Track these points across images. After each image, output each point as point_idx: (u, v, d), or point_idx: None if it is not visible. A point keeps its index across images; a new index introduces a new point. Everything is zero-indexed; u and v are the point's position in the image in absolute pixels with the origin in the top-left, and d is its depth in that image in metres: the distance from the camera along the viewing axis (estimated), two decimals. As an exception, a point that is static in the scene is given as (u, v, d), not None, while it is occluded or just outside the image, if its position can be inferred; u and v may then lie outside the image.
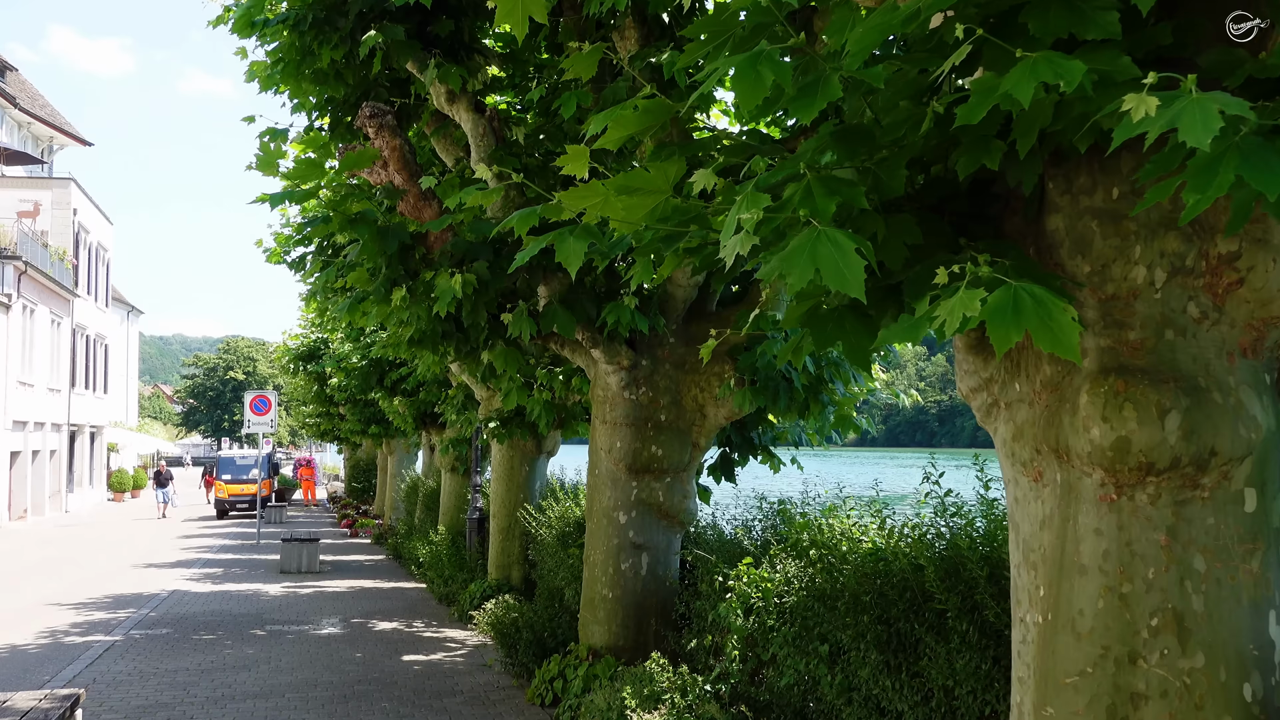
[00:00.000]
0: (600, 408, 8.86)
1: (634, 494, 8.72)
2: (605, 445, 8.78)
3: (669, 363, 8.72)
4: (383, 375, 20.44)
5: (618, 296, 8.32)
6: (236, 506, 35.81)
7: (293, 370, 28.73)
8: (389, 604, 15.03)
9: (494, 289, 7.75)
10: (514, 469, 14.15)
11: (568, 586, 11.17)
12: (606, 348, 8.44)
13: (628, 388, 8.68)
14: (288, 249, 14.63)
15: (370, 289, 7.97)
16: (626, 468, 8.68)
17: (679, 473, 8.79)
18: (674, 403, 8.69)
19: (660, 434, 8.65)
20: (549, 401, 13.45)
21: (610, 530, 8.75)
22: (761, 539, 7.76)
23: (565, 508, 11.91)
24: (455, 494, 19.29)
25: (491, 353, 9.03)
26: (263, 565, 20.30)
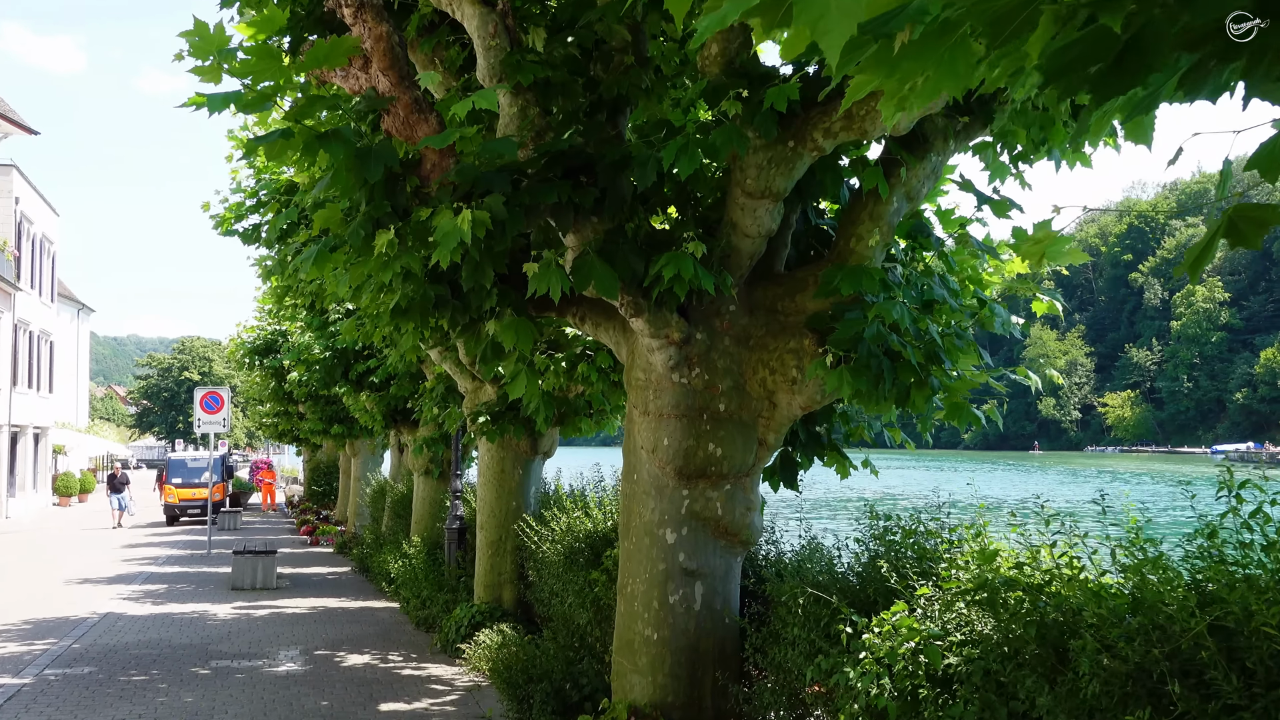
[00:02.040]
0: (640, 395, 6.90)
1: (685, 506, 6.77)
2: (648, 443, 6.82)
3: (729, 337, 6.78)
4: (348, 368, 18.34)
5: (665, 248, 6.38)
6: (188, 512, 33.43)
7: (248, 365, 26.51)
8: (358, 629, 12.95)
9: (512, 232, 5.77)
10: (505, 472, 12.15)
11: (583, 616, 9.20)
12: (653, 316, 6.48)
13: (678, 369, 6.73)
14: (240, 215, 12.53)
15: (346, 233, 5.95)
16: (676, 472, 6.73)
17: (741, 478, 6.85)
18: (736, 388, 6.75)
19: (719, 428, 6.71)
20: (548, 393, 11.55)
21: (654, 552, 6.79)
22: (869, 569, 5.80)
23: (573, 519, 9.94)
24: (430, 500, 17.25)
25: (498, 324, 7.04)
26: (212, 580, 18.12)
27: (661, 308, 6.51)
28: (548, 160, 6.05)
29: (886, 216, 6.69)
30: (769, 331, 6.74)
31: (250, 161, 12.73)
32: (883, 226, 6.69)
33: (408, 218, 5.95)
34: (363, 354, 18.15)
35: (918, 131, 6.66)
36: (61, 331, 58.93)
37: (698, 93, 6.05)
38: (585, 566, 9.38)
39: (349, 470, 29.85)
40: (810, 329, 6.58)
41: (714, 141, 5.72)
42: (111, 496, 30.57)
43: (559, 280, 5.88)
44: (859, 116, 5.95)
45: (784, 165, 6.23)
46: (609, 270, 6.08)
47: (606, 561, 8.47)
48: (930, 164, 6.78)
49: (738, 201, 6.42)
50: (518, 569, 11.86)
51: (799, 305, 6.74)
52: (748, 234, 6.53)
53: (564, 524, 10.04)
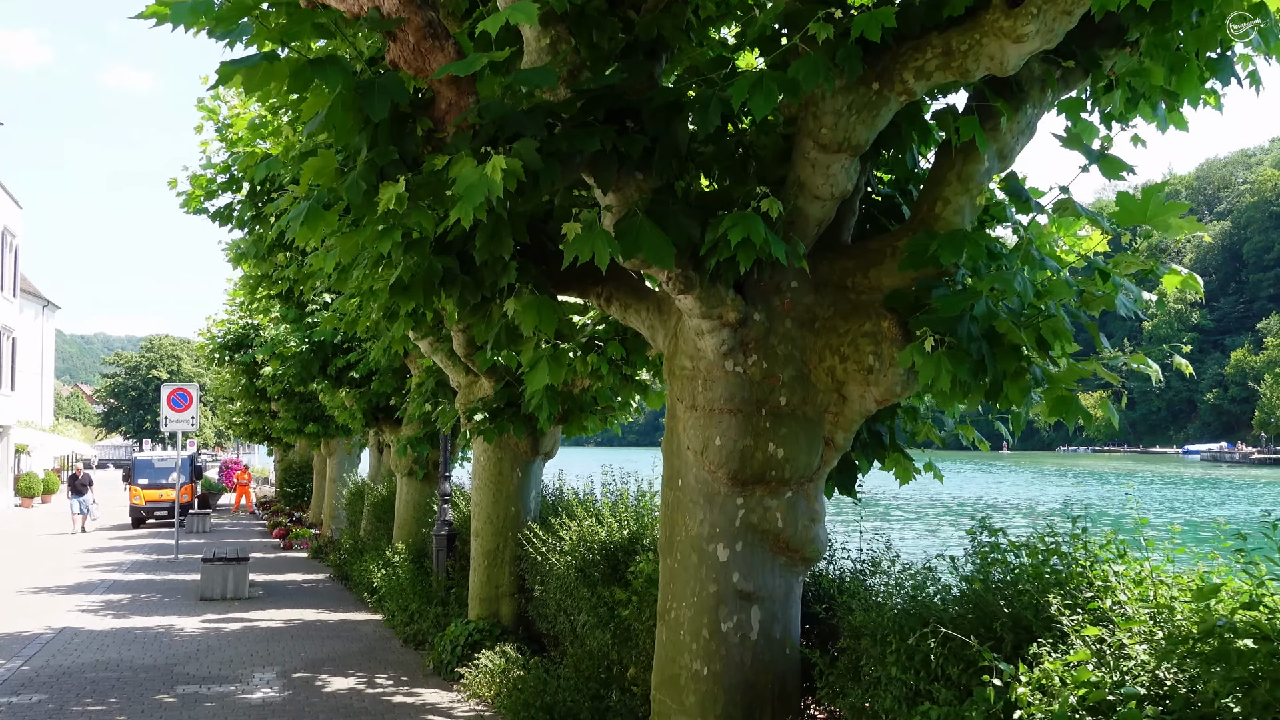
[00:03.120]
0: (686, 387, 5.87)
1: (739, 517, 5.74)
2: (695, 443, 5.79)
3: (791, 318, 5.76)
4: (326, 362, 17.19)
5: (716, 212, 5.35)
6: (155, 514, 32.07)
7: (218, 361, 25.29)
8: (340, 646, 11.84)
9: (546, 186, 4.72)
10: (503, 475, 11.09)
11: (599, 638, 8.18)
12: (706, 292, 5.45)
13: (731, 355, 5.70)
14: (210, 193, 11.40)
15: (342, 187, 4.88)
16: (729, 477, 5.70)
17: (804, 484, 5.84)
18: (799, 378, 5.73)
19: (780, 425, 5.70)
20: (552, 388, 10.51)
21: (704, 572, 5.76)
22: (991, 597, 4.77)
23: (586, 528, 8.91)
24: (414, 503, 16.16)
25: (517, 303, 5.99)
26: (179, 589, 16.93)
27: (716, 282, 5.48)
28: (586, 103, 5.01)
29: (976, 177, 5.70)
30: (838, 312, 5.73)
31: (222, 134, 11.63)
32: (972, 189, 5.70)
33: (418, 168, 4.88)
34: (342, 348, 17.02)
35: (1012, 79, 5.68)
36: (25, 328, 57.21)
37: (773, 16, 5.03)
38: (602, 582, 8.36)
39: (324, 471, 28.64)
40: (888, 308, 5.58)
41: (795, 75, 4.70)
42: (73, 499, 28.79)
43: (606, 245, 4.83)
44: (959, 52, 4.95)
45: (866, 112, 5.22)
46: (660, 234, 5.05)
47: (635, 580, 7.42)
48: (1025, 117, 5.79)
49: (808, 156, 5.41)
50: (517, 581, 10.80)
51: (873, 281, 5.73)
52: (818, 195, 5.51)
53: (575, 533, 9.00)
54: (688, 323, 5.78)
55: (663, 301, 6.43)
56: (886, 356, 5.51)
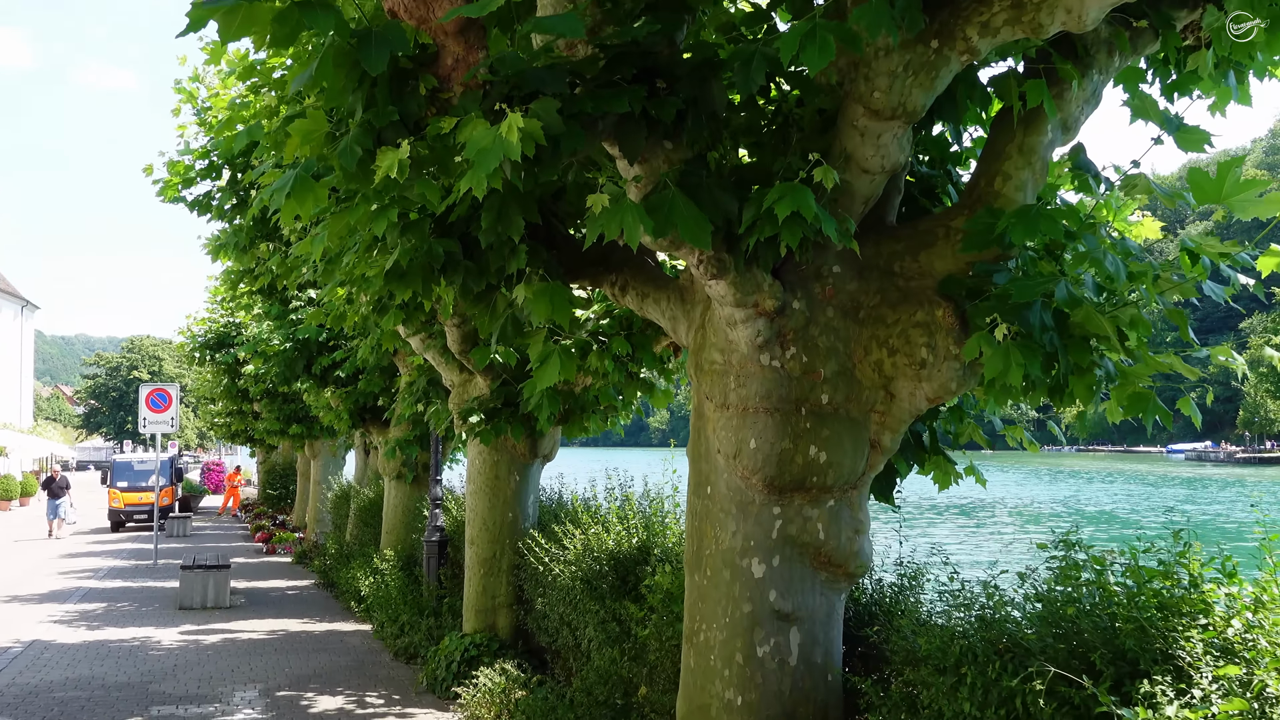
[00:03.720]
0: (716, 383, 5.28)
1: (777, 528, 5.15)
2: (727, 446, 5.19)
3: (833, 307, 5.17)
4: (310, 361, 16.53)
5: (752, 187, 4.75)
6: (134, 518, 31.29)
7: (199, 360, 24.56)
8: (327, 660, 11.20)
9: (567, 153, 4.11)
10: (500, 479, 10.48)
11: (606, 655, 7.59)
12: (741, 277, 4.86)
13: (767, 348, 5.11)
14: (188, 180, 10.75)
15: (334, 154, 4.25)
16: (765, 483, 5.11)
17: (847, 491, 5.25)
18: (842, 374, 5.15)
19: (821, 426, 5.11)
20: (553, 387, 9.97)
21: (737, 590, 5.17)
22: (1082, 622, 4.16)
23: (592, 535, 8.31)
24: (403, 508, 15.53)
25: (528, 290, 5.39)
26: (157, 597, 16.25)
27: (752, 265, 4.89)
28: (611, 60, 4.41)
29: (1040, 150, 5.14)
30: (885, 300, 5.15)
31: (200, 118, 10.97)
32: (1035, 162, 5.13)
33: (420, 133, 4.26)
34: (328, 346, 16.37)
35: (1076, 41, 5.12)
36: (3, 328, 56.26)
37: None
38: (611, 595, 7.76)
39: (308, 473, 27.96)
40: (942, 296, 4.99)
41: (856, 24, 4.11)
42: (49, 504, 27.72)
43: (637, 220, 4.22)
44: (1031, 4, 4.38)
45: (924, 73, 4.63)
46: (695, 210, 4.45)
47: (653, 595, 6.81)
48: (1091, 84, 5.23)
49: (856, 124, 4.82)
50: (515, 592, 10.18)
51: (923, 266, 5.15)
52: (866, 169, 4.92)
53: (579, 542, 8.41)
54: (718, 312, 5.18)
55: (685, 290, 5.85)
56: (941, 349, 4.93)
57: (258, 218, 10.82)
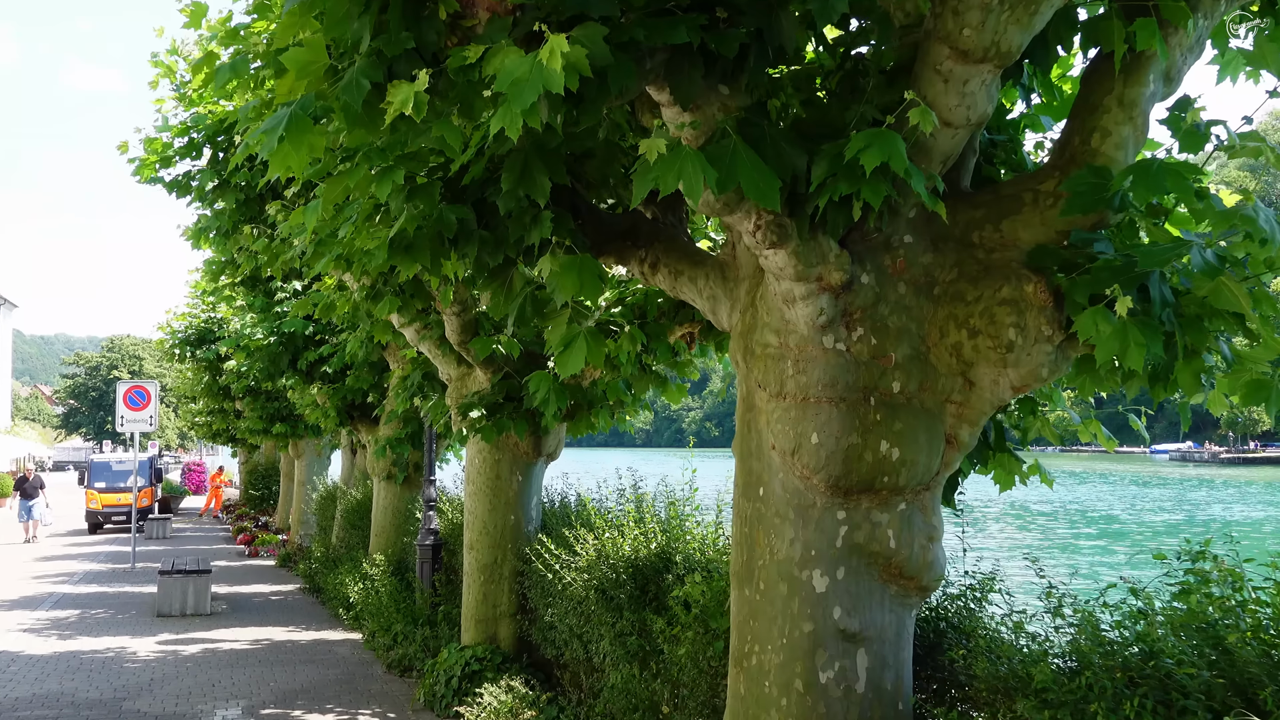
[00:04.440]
0: (771, 369, 4.61)
1: (842, 535, 4.49)
2: (784, 442, 4.53)
3: (904, 282, 4.52)
4: (296, 356, 15.79)
5: (820, 138, 4.09)
6: (112, 519, 30.42)
7: (179, 357, 23.75)
8: (315, 674, 10.48)
9: (615, 89, 3.44)
10: (501, 479, 9.79)
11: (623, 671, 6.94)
12: (805, 246, 4.20)
13: (831, 328, 4.45)
14: (166, 159, 10.00)
15: (336, 91, 3.56)
16: (829, 484, 4.45)
17: (920, 493, 4.60)
18: (915, 358, 4.49)
19: (893, 418, 4.45)
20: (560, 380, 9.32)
21: (795, 606, 4.50)
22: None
23: (606, 541, 7.65)
24: (394, 509, 14.82)
25: (553, 262, 4.71)
26: (135, 603, 15.49)
27: (818, 232, 4.23)
28: (662, -16, 3.74)
29: (1141, 102, 4.48)
30: (964, 274, 4.50)
31: (180, 92, 10.24)
32: (1136, 117, 4.47)
33: (439, 65, 3.58)
34: (314, 340, 15.64)
35: (1180, -19, 4.47)
36: (-23, 325, 55.29)
37: None
38: (630, 606, 7.09)
39: (291, 474, 27.19)
40: (1031, 269, 4.34)
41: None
42: (21, 505, 26.60)
43: (698, 170, 3.55)
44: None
45: (1023, 7, 3.98)
46: (760, 163, 3.79)
47: (684, 610, 6.13)
48: (1195, 30, 4.58)
49: (940, 68, 4.15)
50: (519, 600, 9.50)
51: (1007, 235, 4.50)
52: (949, 121, 4.26)
53: (592, 547, 7.74)
54: (773, 288, 4.52)
55: (726, 265, 5.19)
56: (1032, 330, 4.27)
57: (241, 201, 10.11)
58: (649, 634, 6.87)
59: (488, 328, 9.38)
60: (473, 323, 9.33)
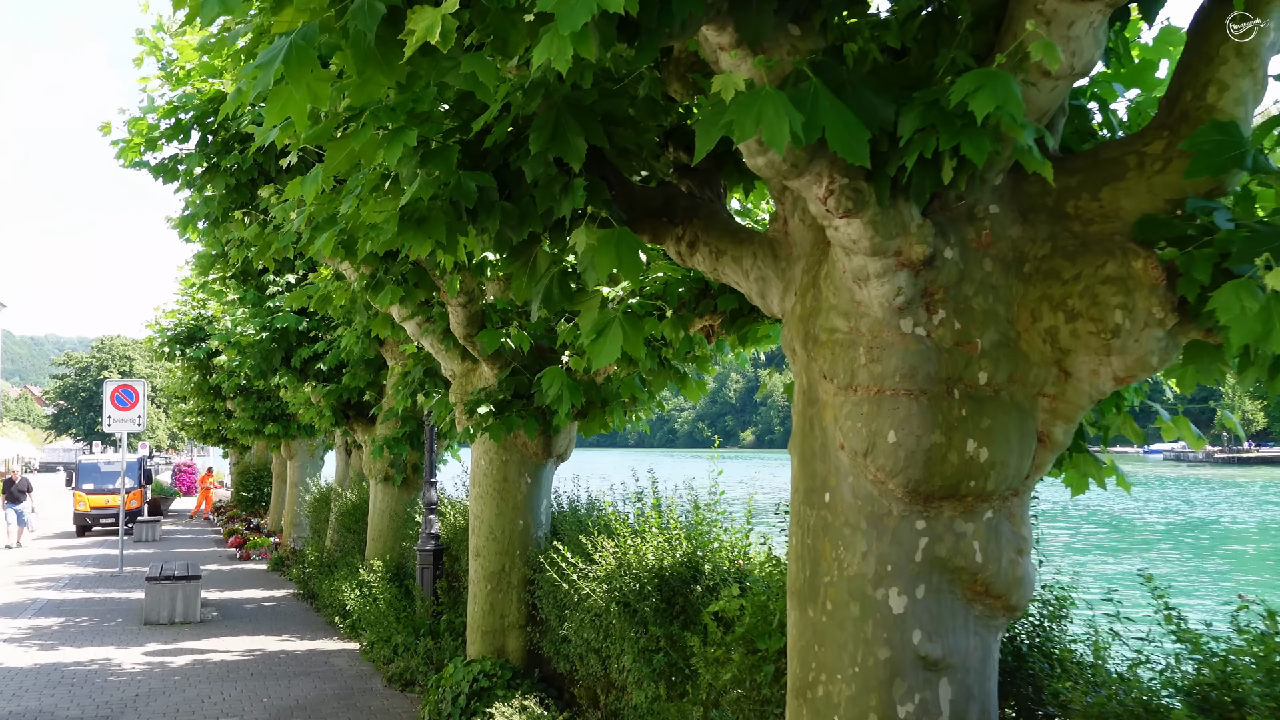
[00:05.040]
0: (839, 358, 4.03)
1: (922, 548, 3.92)
2: (855, 440, 3.95)
3: (990, 258, 3.95)
4: (289, 353, 15.18)
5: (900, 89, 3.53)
6: (101, 522, 29.76)
7: (168, 356, 23.13)
8: (312, 688, 9.88)
9: (681, 15, 2.87)
10: (509, 481, 9.20)
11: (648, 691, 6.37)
12: (883, 215, 3.64)
13: (909, 310, 3.88)
14: (152, 142, 9.41)
15: (344, 20, 2.97)
16: (908, 489, 3.87)
17: (1008, 500, 4.03)
18: (1004, 344, 3.92)
19: (980, 413, 3.88)
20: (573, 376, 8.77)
21: (869, 629, 3.93)
22: None
23: (627, 548, 7.08)
24: (392, 513, 14.23)
25: (589, 233, 4.13)
26: (121, 610, 14.86)
27: (899, 198, 3.66)
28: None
29: (1261, 52, 3.90)
30: (1058, 249, 3.92)
31: (166, 71, 9.64)
32: (1256, 69, 3.90)
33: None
34: (308, 336, 15.04)
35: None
36: (-36, 324, 54.55)
37: None
38: (657, 620, 6.52)
39: (283, 475, 26.56)
40: (1140, 242, 3.77)
41: None
42: (7, 509, 25.69)
43: (783, 114, 2.98)
44: None
45: (1142, -67, 3.42)
46: (846, 111, 3.22)
47: (725, 630, 5.55)
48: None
49: (1040, 8, 3.57)
50: (528, 610, 8.91)
51: (1107, 205, 3.92)
52: (1046, 70, 3.68)
53: (611, 555, 7.17)
54: (842, 264, 3.94)
55: (777, 243, 4.61)
56: (1142, 312, 3.70)
57: (232, 186, 9.52)
58: (677, 651, 6.30)
59: (495, 320, 8.80)
60: (479, 315, 8.76)
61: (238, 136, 9.31)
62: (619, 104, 4.31)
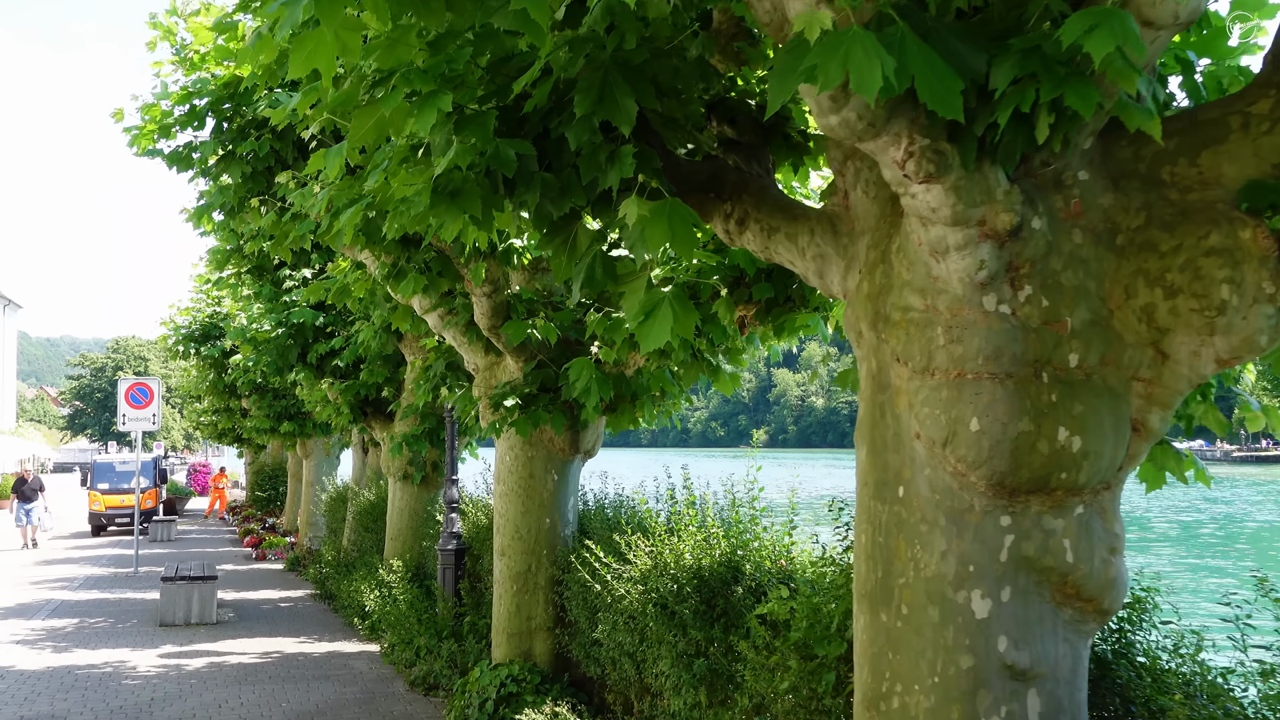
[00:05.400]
0: (914, 339, 3.69)
1: (1008, 546, 3.57)
2: (933, 429, 3.61)
3: (1080, 228, 3.60)
4: (306, 348, 14.89)
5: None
6: (116, 521, 29.59)
7: (183, 354, 22.91)
8: (332, 692, 9.58)
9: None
10: (535, 478, 8.88)
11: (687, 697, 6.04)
12: (968, 180, 3.30)
13: (993, 285, 3.54)
14: (166, 129, 9.11)
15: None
16: (992, 482, 3.53)
17: (1099, 494, 3.67)
18: (1095, 324, 3.57)
19: (1072, 399, 3.53)
20: (602, 369, 8.57)
21: (950, 635, 3.58)
22: None
23: (664, 548, 6.75)
24: (411, 511, 13.92)
25: (640, 204, 3.79)
26: (136, 611, 14.60)
27: (986, 160, 3.32)
28: None
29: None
30: (1154, 219, 3.57)
31: (180, 56, 9.35)
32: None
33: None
34: (325, 332, 14.75)
35: None
36: (-21, 324, 54.78)
37: None
38: (697, 623, 6.18)
39: (299, 474, 26.32)
40: (1246, 210, 3.42)
41: None
42: (19, 509, 25.26)
43: (874, 56, 2.64)
44: None
45: None
46: (937, 59, 2.87)
47: (776, 635, 5.21)
48: None
49: (1145, -52, 3.24)
50: (556, 612, 8.59)
51: (1207, 170, 3.56)
52: (1149, 20, 3.32)
53: (645, 555, 6.84)
54: (918, 237, 3.60)
55: (838, 218, 4.27)
56: (1251, 286, 3.36)
57: (248, 174, 9.21)
58: (718, 655, 5.96)
59: (521, 311, 8.49)
60: (504, 305, 8.45)
61: (254, 123, 9.01)
62: (666, 65, 3.96)
